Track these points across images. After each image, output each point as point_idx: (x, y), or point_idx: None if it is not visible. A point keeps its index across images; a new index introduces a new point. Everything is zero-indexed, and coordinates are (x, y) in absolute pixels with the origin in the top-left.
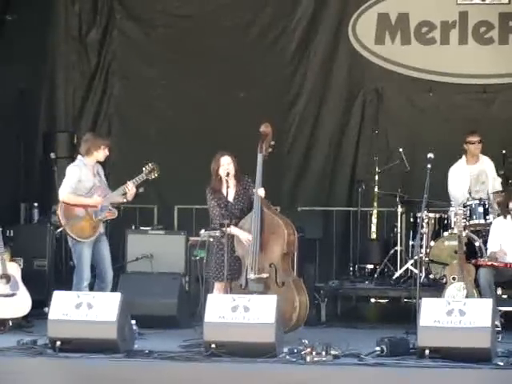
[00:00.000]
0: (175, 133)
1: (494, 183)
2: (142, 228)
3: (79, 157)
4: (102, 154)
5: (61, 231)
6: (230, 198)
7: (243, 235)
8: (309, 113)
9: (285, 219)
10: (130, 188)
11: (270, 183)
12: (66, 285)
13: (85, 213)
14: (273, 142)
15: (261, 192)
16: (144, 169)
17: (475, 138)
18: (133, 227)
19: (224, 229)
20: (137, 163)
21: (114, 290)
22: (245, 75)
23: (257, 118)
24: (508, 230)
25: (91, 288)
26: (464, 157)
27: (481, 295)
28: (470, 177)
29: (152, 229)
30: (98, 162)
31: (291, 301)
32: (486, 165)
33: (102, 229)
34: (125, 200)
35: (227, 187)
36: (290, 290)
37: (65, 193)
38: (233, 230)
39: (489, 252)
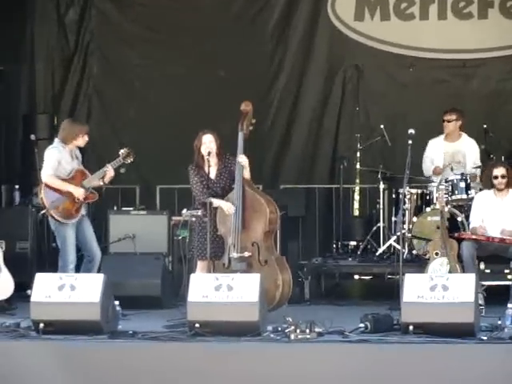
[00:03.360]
0: (156, 112)
1: (472, 167)
2: (124, 209)
3: (56, 139)
4: (80, 141)
5: (44, 213)
6: (212, 176)
7: (225, 205)
8: (289, 90)
9: (267, 197)
10: (109, 171)
11: (251, 161)
12: (49, 267)
13: (68, 194)
14: (253, 120)
15: (241, 159)
16: (120, 153)
17: (450, 117)
18: (115, 208)
19: (207, 207)
20: (117, 143)
21: (97, 271)
22: (225, 53)
23: (238, 96)
24: (491, 204)
25: (77, 269)
26: (445, 133)
27: (464, 270)
28: (443, 154)
29: (134, 209)
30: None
31: (274, 279)
32: (467, 146)
33: (83, 210)
34: (101, 183)
35: (209, 166)
36: (273, 268)
37: (46, 175)
38: (214, 201)
39: (471, 227)
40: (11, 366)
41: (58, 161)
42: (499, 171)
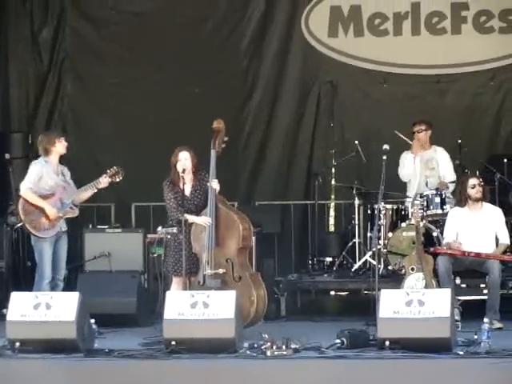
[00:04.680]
0: (130, 130)
1: (446, 175)
2: (99, 227)
3: (41, 157)
4: (60, 146)
5: (19, 227)
6: (187, 193)
7: (200, 219)
8: (264, 107)
9: (239, 214)
10: (103, 181)
11: (226, 178)
12: (24, 286)
13: (42, 210)
14: (226, 138)
15: (214, 184)
16: (109, 171)
17: (420, 127)
18: (90, 226)
19: (182, 225)
20: (92, 162)
21: (72, 289)
22: (199, 71)
23: (212, 113)
24: (465, 219)
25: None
26: (416, 145)
27: (439, 285)
28: (418, 162)
29: (109, 227)
30: (62, 157)
31: (248, 295)
32: (439, 154)
33: (64, 227)
34: (95, 190)
35: (183, 183)
36: (247, 284)
37: (24, 188)
38: (189, 217)
39: (444, 242)
40: None
41: (38, 175)
42: (475, 180)
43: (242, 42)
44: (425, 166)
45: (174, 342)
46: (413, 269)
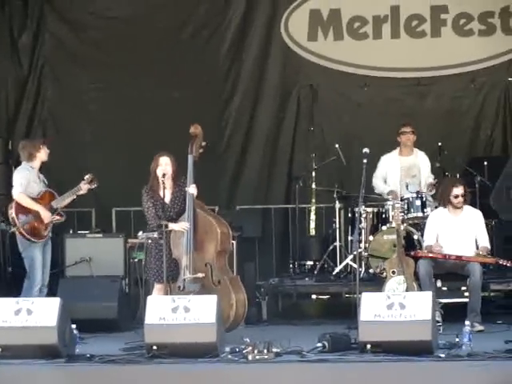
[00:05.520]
0: (110, 135)
1: (427, 180)
2: (80, 232)
3: (23, 163)
4: (43, 153)
5: (13, 231)
6: (167, 200)
7: (179, 225)
8: (244, 111)
9: (217, 218)
10: (84, 188)
11: (207, 183)
12: (7, 292)
13: (36, 214)
14: (204, 143)
15: (192, 189)
16: (85, 178)
17: (407, 129)
18: (71, 231)
19: (162, 230)
20: (72, 167)
21: (53, 294)
22: (179, 75)
23: (192, 118)
24: (446, 222)
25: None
26: (398, 148)
27: (420, 288)
28: (400, 168)
29: (90, 232)
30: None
31: (228, 299)
32: (421, 160)
33: (50, 232)
34: (75, 197)
35: (164, 188)
36: (227, 288)
37: (17, 193)
38: (170, 225)
39: (425, 245)
40: None
41: (27, 180)
42: (459, 190)
43: (221, 46)
44: (406, 174)
45: (155, 347)
46: (394, 272)
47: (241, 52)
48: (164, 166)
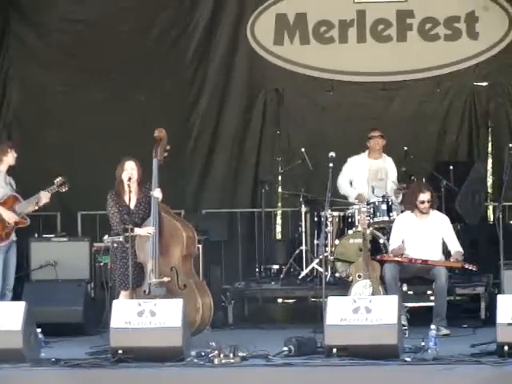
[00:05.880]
0: (76, 139)
1: (392, 185)
2: (45, 236)
3: None
4: (10, 157)
5: None
6: (132, 206)
7: (144, 230)
8: (210, 114)
9: (183, 222)
10: (43, 197)
11: (173, 187)
12: None
13: None
14: (168, 147)
15: (157, 193)
16: (55, 181)
17: (375, 134)
18: (36, 235)
19: (128, 234)
20: (38, 171)
21: (18, 298)
22: (145, 78)
23: (159, 121)
24: (412, 226)
25: None
26: (367, 151)
27: (386, 292)
28: (368, 170)
29: (55, 236)
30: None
31: (194, 303)
32: (388, 165)
33: (14, 236)
34: (36, 207)
35: (129, 192)
36: (192, 292)
37: None
38: (135, 230)
39: (391, 249)
40: None
41: None
42: (425, 196)
43: (187, 49)
44: (373, 176)
45: (120, 351)
46: (360, 276)
47: (208, 52)
48: (130, 170)
